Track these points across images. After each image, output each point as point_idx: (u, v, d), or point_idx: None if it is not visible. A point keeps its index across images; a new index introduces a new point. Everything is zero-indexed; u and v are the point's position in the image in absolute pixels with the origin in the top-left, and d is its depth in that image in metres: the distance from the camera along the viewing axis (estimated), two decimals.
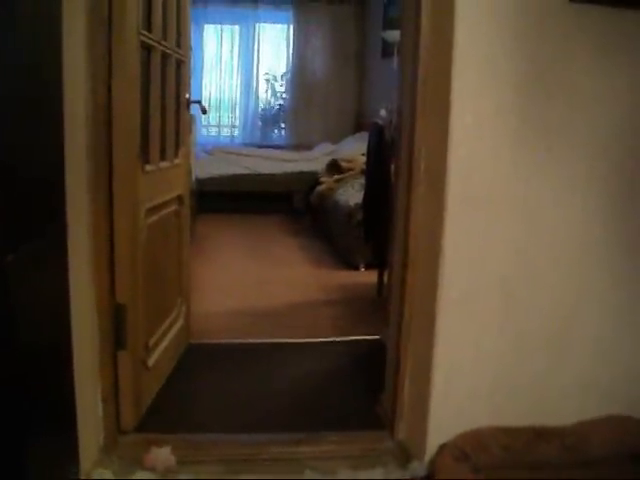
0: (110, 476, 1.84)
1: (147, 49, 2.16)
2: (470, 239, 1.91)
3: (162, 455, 1.96)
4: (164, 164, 2.40)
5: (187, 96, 2.71)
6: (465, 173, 1.86)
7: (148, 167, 2.18)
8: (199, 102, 2.90)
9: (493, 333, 1.97)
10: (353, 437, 2.17)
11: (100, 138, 1.85)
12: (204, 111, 3.08)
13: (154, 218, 2.26)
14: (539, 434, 1.98)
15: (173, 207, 2.56)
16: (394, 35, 5.47)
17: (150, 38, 2.14)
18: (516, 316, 1.98)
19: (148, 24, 2.15)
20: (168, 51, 2.38)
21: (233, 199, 6.42)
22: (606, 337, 2.05)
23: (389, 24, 6.38)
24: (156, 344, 2.37)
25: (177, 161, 2.59)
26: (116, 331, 1.99)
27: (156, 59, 2.24)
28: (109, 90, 1.86)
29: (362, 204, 4.04)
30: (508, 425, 1.98)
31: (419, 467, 1.96)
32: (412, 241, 2.02)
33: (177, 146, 2.59)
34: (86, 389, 1.85)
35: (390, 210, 2.71)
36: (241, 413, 2.34)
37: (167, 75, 2.41)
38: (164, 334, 2.48)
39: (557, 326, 2.02)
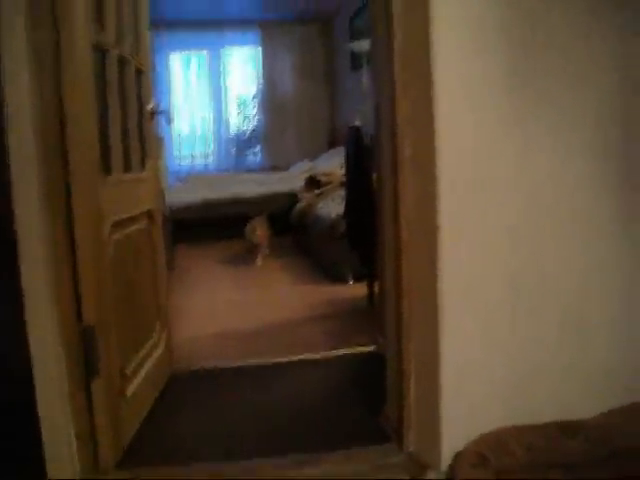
0: None
1: (101, 52, 2.00)
2: (467, 224, 1.76)
3: None
4: (129, 176, 2.22)
5: (151, 106, 2.54)
6: (455, 157, 1.73)
7: (110, 178, 2.00)
8: (165, 112, 2.74)
9: (503, 324, 1.82)
10: (358, 454, 1.97)
11: (51, 144, 1.68)
12: (169, 121, 2.90)
13: (122, 234, 2.07)
14: (562, 429, 1.81)
15: (143, 223, 2.37)
16: (361, 45, 5.41)
17: (103, 39, 1.98)
18: (526, 304, 1.83)
19: (101, 25, 1.99)
20: (126, 56, 2.22)
21: (210, 226, 6.19)
22: (621, 320, 1.91)
23: (356, 35, 6.33)
24: (134, 372, 2.16)
25: (144, 174, 2.41)
26: (86, 357, 1.79)
27: (112, 61, 2.07)
28: (59, 92, 1.70)
29: (344, 213, 3.88)
30: (526, 423, 1.81)
31: (436, 476, 1.76)
32: (404, 229, 1.86)
33: (143, 158, 2.41)
34: (56, 426, 1.65)
35: (374, 215, 2.56)
36: (236, 440, 2.12)
37: (126, 82, 2.24)
38: (143, 361, 2.27)
39: (572, 310, 1.87)
